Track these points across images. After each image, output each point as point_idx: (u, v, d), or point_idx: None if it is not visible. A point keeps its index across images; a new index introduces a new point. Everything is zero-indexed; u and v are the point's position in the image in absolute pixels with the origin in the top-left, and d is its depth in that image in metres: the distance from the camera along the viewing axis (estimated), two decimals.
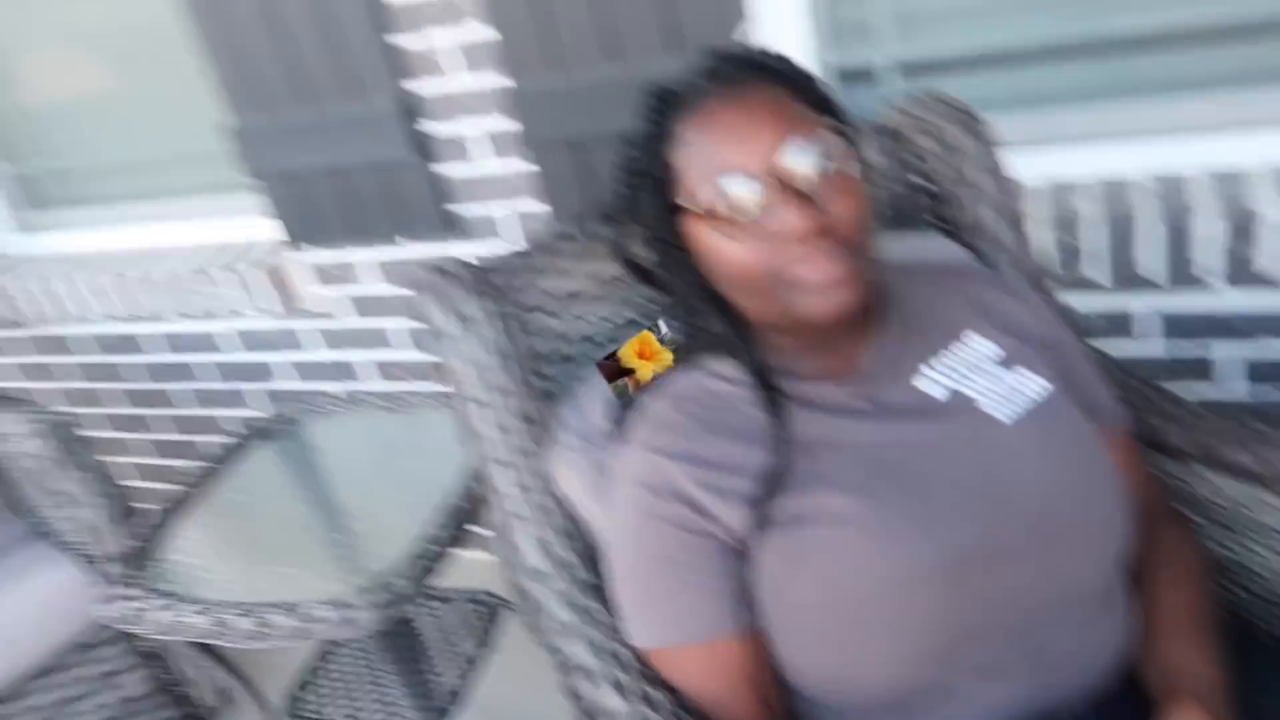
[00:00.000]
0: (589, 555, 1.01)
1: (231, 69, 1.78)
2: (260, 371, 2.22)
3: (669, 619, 0.86)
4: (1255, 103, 1.43)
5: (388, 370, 2.09)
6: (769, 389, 0.87)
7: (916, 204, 1.20)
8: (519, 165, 1.73)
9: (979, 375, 0.89)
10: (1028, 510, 0.83)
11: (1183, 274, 1.43)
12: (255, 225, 2.07)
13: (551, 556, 1.01)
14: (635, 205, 0.88)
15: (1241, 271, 1.39)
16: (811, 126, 0.80)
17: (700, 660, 0.86)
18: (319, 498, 1.52)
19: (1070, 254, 1.46)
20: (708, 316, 0.89)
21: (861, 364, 0.89)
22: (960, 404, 0.88)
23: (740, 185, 0.79)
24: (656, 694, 0.88)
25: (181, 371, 2.31)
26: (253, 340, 2.17)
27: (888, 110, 1.22)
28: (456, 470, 1.45)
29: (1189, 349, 1.51)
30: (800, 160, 0.78)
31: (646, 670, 0.90)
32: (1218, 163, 1.44)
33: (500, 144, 1.73)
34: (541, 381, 1.06)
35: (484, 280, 1.03)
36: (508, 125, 1.70)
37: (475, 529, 2.16)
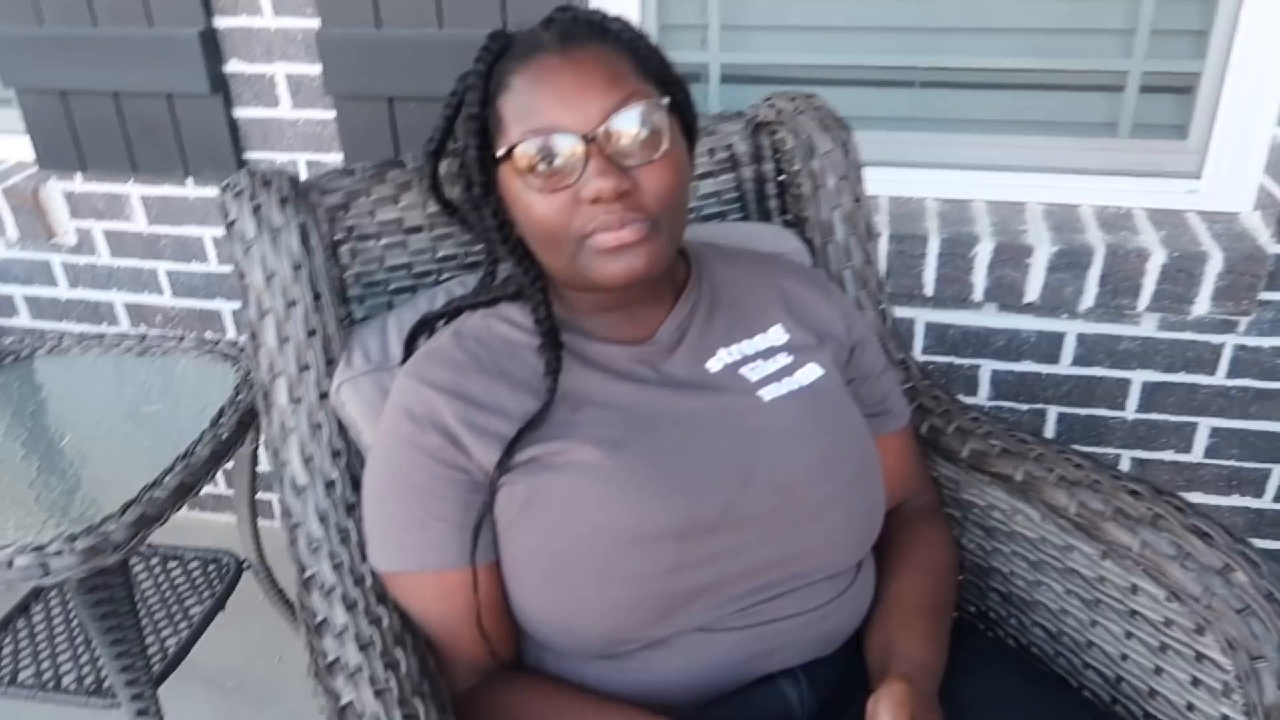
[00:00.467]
0: (356, 478, 1.01)
1: None
2: (4, 306, 1.99)
3: (406, 545, 0.86)
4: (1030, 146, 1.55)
5: (143, 314, 1.92)
6: (550, 340, 0.86)
7: (765, 192, 1.25)
8: (319, 114, 1.63)
9: (764, 359, 0.91)
10: (772, 486, 0.84)
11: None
12: (14, 145, 1.88)
13: (315, 472, 1.01)
14: (455, 143, 0.88)
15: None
16: (641, 96, 0.79)
17: (430, 589, 0.86)
18: (40, 439, 1.35)
19: None
20: (508, 262, 0.89)
21: (655, 335, 0.90)
22: (731, 379, 0.89)
23: (558, 143, 0.78)
24: (384, 614, 0.88)
25: None
26: (2, 270, 1.95)
27: (761, 102, 1.25)
28: (199, 421, 1.33)
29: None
30: (621, 128, 0.78)
31: (382, 593, 0.90)
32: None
33: (303, 90, 1.62)
34: (347, 305, 1.08)
35: (298, 192, 1.04)
36: (311, 70, 1.60)
37: (223, 492, 2.07)
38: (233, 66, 1.63)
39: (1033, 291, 1.50)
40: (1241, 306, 1.45)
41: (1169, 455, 1.64)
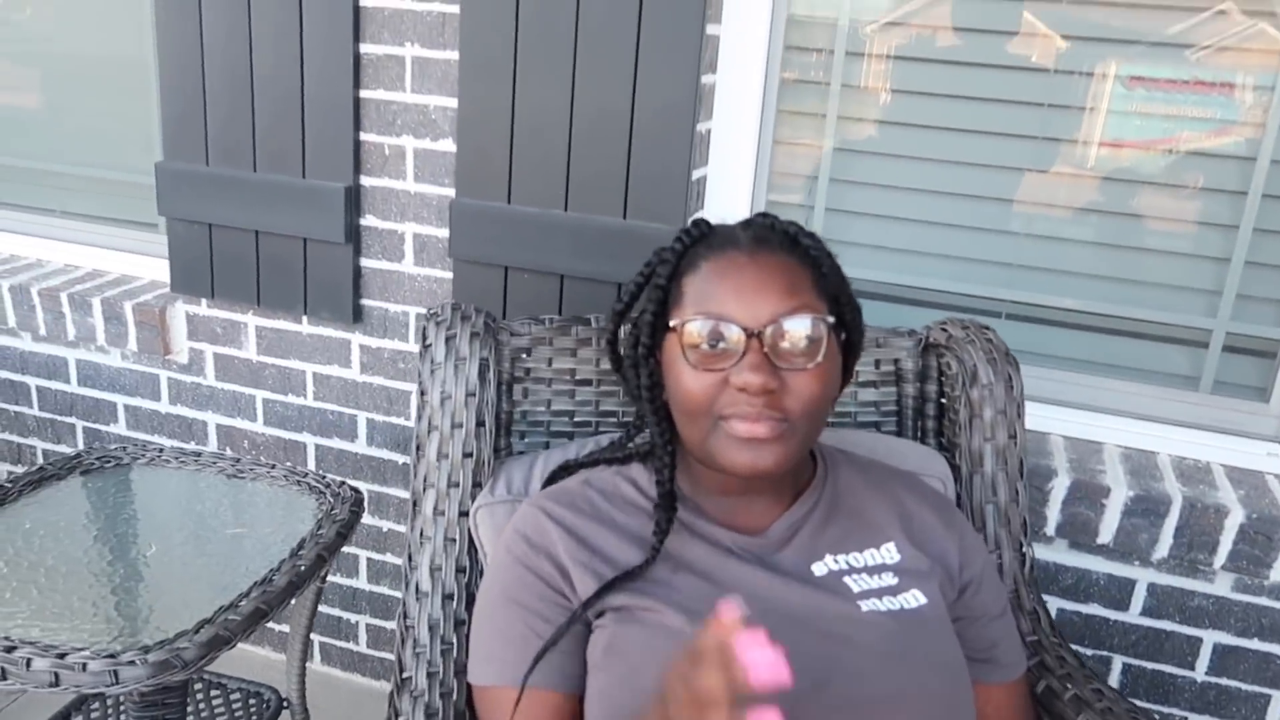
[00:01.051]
0: (473, 596, 1.09)
1: (179, 112, 1.79)
2: (106, 411, 2.09)
3: (505, 659, 0.90)
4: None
5: (232, 437, 2.00)
6: (666, 501, 0.92)
7: (925, 411, 1.30)
8: (438, 273, 1.75)
9: (869, 575, 0.92)
10: (847, 701, 0.83)
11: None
12: (151, 266, 2.04)
13: (439, 583, 1.10)
14: (636, 304, 0.97)
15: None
16: (810, 310, 0.86)
17: (511, 704, 0.88)
18: (127, 547, 1.40)
19: None
20: (650, 424, 0.95)
21: (769, 529, 0.94)
22: (834, 585, 0.91)
23: (725, 330, 0.85)
24: None
25: (19, 391, 2.15)
26: (111, 378, 2.06)
27: (935, 324, 1.31)
28: (279, 550, 1.37)
29: None
30: (784, 332, 0.84)
31: (461, 712, 0.99)
32: None
33: (427, 249, 1.75)
34: (508, 437, 1.21)
35: (488, 330, 1.19)
36: (438, 233, 1.73)
37: (273, 625, 2.07)
38: (368, 220, 1.77)
39: (1106, 533, 1.50)
40: None
41: None
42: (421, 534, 1.13)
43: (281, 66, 1.70)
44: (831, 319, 0.87)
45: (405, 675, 1.04)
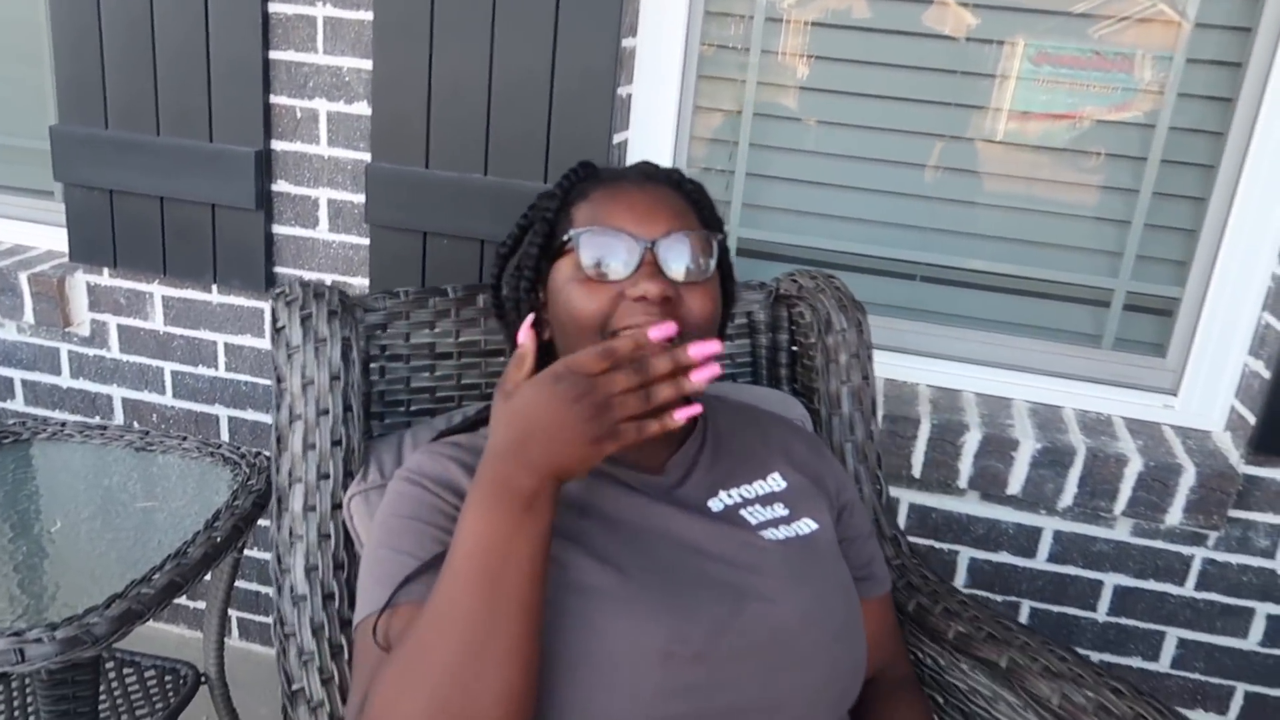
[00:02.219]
0: (354, 594, 0.99)
1: (75, 74, 1.70)
2: (2, 387, 1.99)
3: (399, 577, 0.81)
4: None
5: (140, 412, 1.93)
6: None
7: (778, 360, 1.33)
8: (354, 239, 1.71)
9: (762, 505, 0.95)
10: (762, 624, 0.85)
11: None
12: (48, 235, 1.95)
13: (317, 583, 1.02)
14: (520, 243, 0.97)
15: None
16: (698, 231, 0.90)
17: (412, 619, 0.78)
18: (30, 525, 1.34)
19: None
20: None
21: (664, 468, 0.95)
22: (733, 518, 0.93)
23: (622, 241, 0.87)
24: None
25: None
26: (7, 352, 1.96)
27: (784, 276, 1.34)
28: (194, 523, 1.33)
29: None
30: (678, 250, 0.88)
31: None
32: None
33: (342, 215, 1.71)
34: (368, 421, 1.12)
35: (347, 309, 1.10)
36: (354, 198, 1.69)
37: (186, 602, 2.01)
38: (280, 186, 1.72)
39: (1015, 484, 1.56)
40: (1211, 521, 1.52)
41: (1136, 662, 1.67)
42: (291, 533, 1.04)
43: (185, 26, 1.64)
44: (719, 238, 0.92)
45: (296, 687, 0.97)
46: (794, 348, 1.32)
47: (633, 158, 1.69)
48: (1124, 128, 1.57)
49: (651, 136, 1.68)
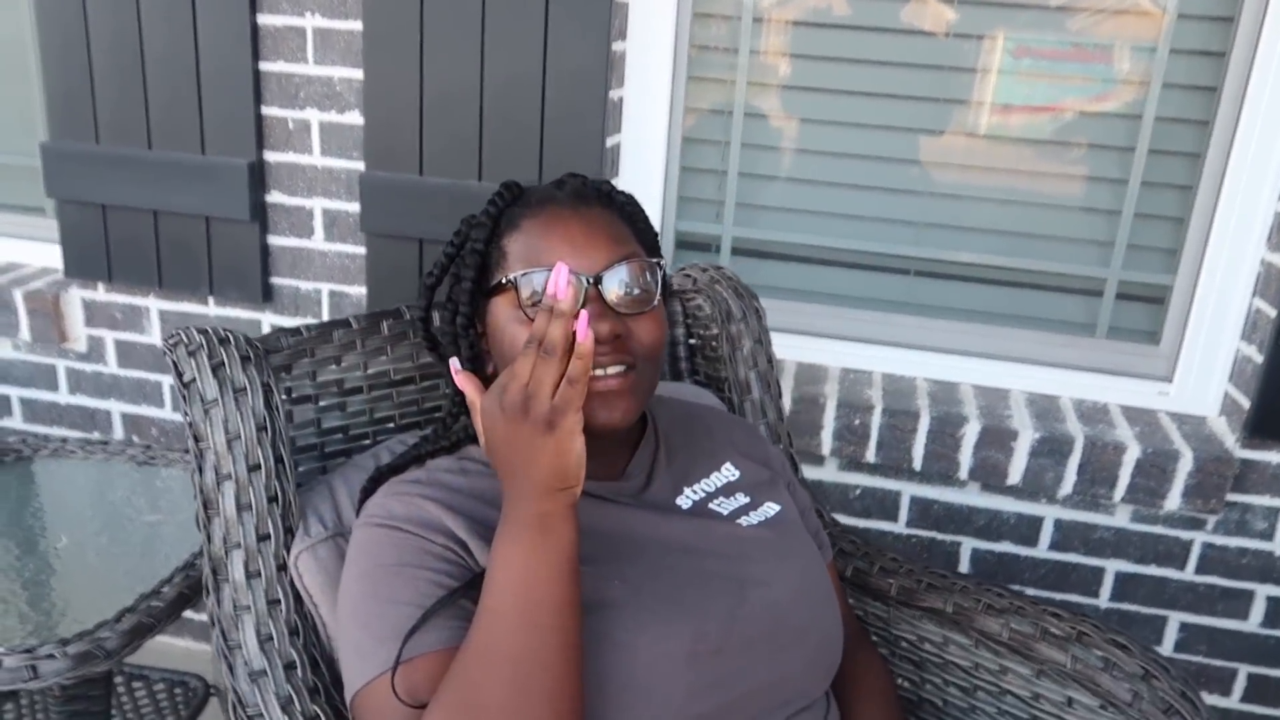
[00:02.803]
0: (314, 659, 0.94)
1: (64, 89, 1.70)
2: (1, 406, 1.99)
3: (426, 626, 0.77)
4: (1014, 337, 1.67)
5: (139, 426, 1.93)
6: None
7: (677, 355, 1.34)
8: (350, 248, 1.71)
9: (725, 496, 0.97)
10: (764, 606, 0.87)
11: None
12: (41, 252, 1.95)
13: (274, 654, 0.92)
14: (455, 277, 0.91)
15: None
16: (638, 257, 0.86)
17: (434, 669, 0.76)
18: (36, 541, 1.34)
19: (854, 432, 1.60)
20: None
21: (625, 474, 0.94)
22: (704, 512, 0.94)
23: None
24: None
25: None
26: (3, 370, 1.96)
27: (676, 272, 1.35)
28: (198, 535, 1.32)
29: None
30: (620, 281, 0.84)
31: None
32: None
33: (338, 225, 1.71)
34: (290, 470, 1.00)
35: (260, 353, 1.00)
36: (348, 207, 1.69)
37: (192, 615, 2.01)
38: (274, 197, 1.72)
39: (1015, 474, 1.57)
40: (1210, 505, 1.53)
41: None
42: (236, 605, 0.93)
43: (174, 39, 1.64)
44: (659, 262, 0.89)
45: None
46: (691, 340, 1.33)
47: (626, 160, 1.70)
48: (1109, 119, 1.59)
49: (644, 138, 1.69)
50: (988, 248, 1.67)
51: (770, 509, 0.96)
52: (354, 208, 1.69)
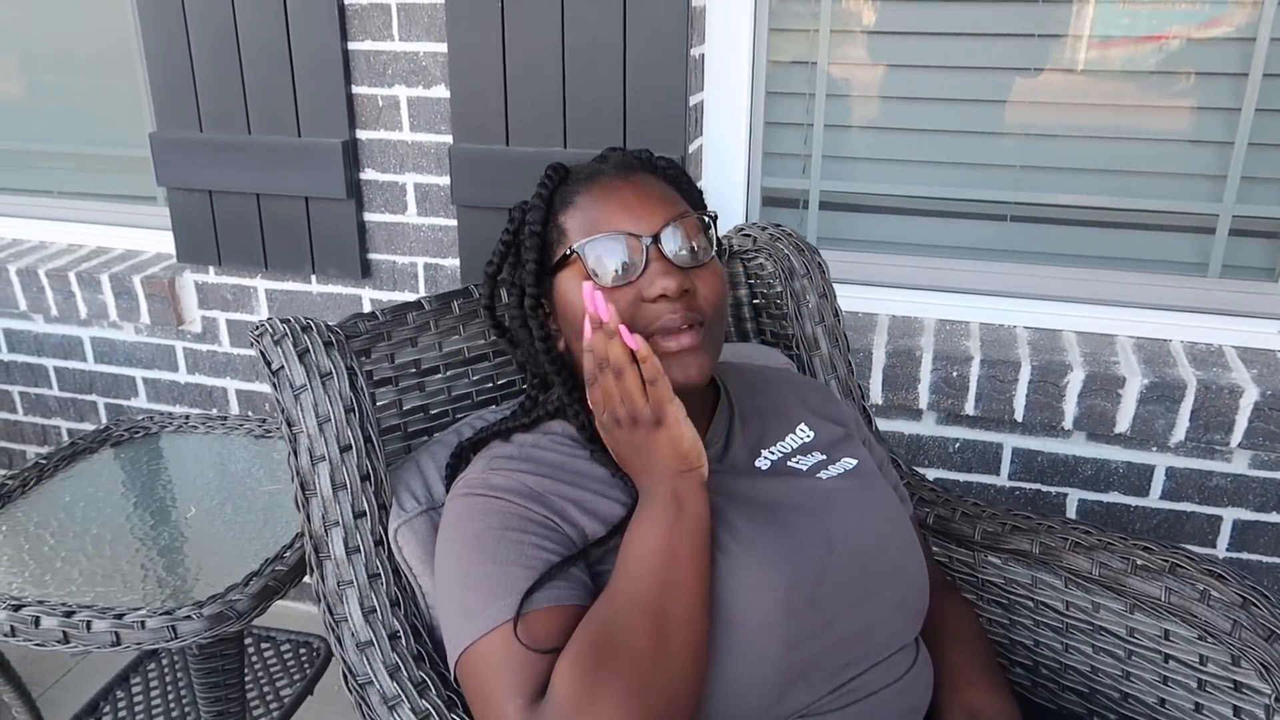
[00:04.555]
0: (416, 628, 0.98)
1: (169, 81, 1.77)
2: (126, 386, 2.11)
3: (516, 588, 0.80)
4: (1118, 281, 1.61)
5: (252, 402, 2.02)
6: (601, 445, 0.91)
7: (742, 315, 1.35)
8: (442, 221, 1.75)
9: (802, 455, 0.98)
10: (851, 553, 0.88)
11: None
12: (154, 239, 2.05)
13: (379, 625, 0.97)
14: (516, 260, 0.95)
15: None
16: (690, 214, 0.90)
17: (551, 623, 0.79)
18: (168, 511, 1.43)
19: (952, 384, 1.57)
20: (553, 379, 0.94)
21: (706, 441, 0.95)
22: (784, 470, 0.96)
23: (625, 243, 0.87)
24: None
25: (37, 374, 2.17)
26: (127, 352, 2.07)
27: (734, 232, 1.35)
28: None
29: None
30: (679, 238, 0.88)
31: None
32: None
33: (429, 199, 1.75)
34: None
35: (342, 338, 1.03)
36: (439, 181, 1.73)
37: (310, 580, 2.11)
38: (368, 174, 1.77)
39: (1123, 423, 1.52)
40: None
41: None
42: (339, 581, 0.97)
43: (266, 25, 1.69)
44: (712, 215, 0.92)
45: None
46: (755, 300, 1.33)
47: (710, 118, 1.69)
48: (1219, 44, 1.50)
49: (727, 95, 1.67)
50: (1088, 188, 1.61)
51: (848, 463, 0.97)
52: (444, 181, 1.73)
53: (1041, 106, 1.59)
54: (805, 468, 0.96)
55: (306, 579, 2.03)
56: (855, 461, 0.98)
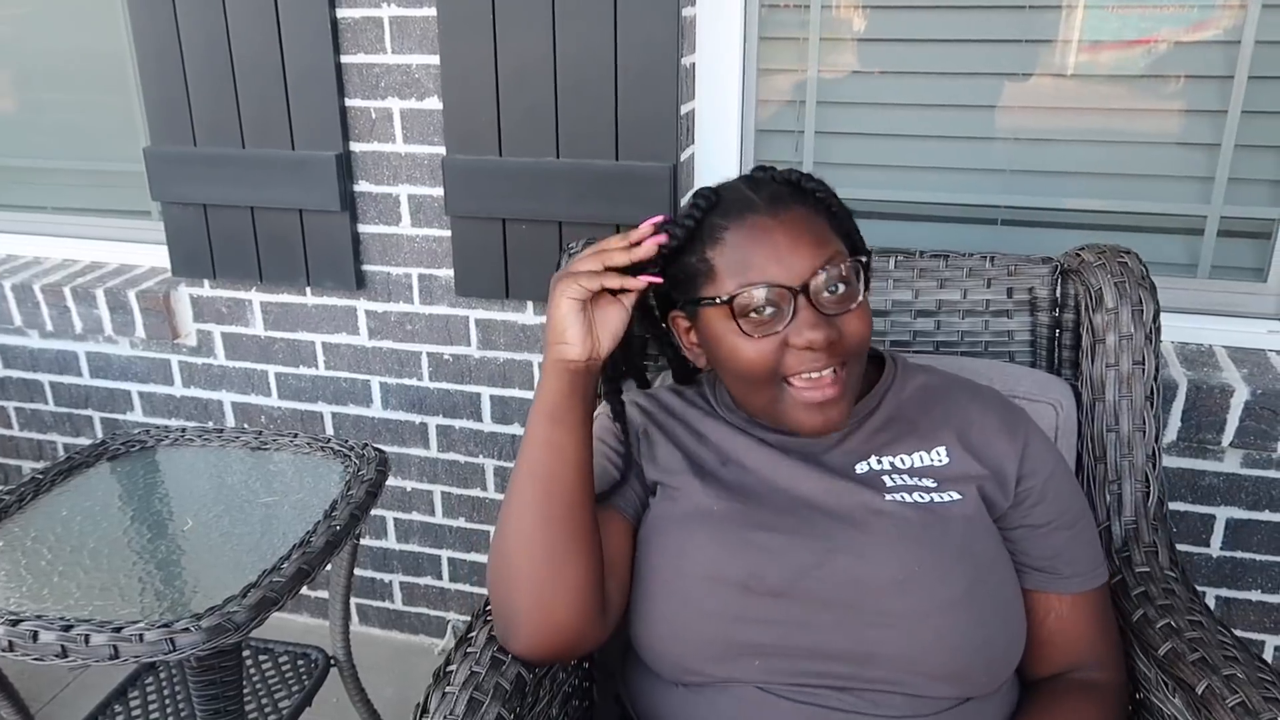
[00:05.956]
0: None
1: (163, 96, 1.78)
2: (121, 400, 2.11)
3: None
4: None
5: (248, 414, 2.02)
6: (718, 416, 1.03)
7: (1060, 341, 1.25)
8: (436, 232, 1.76)
9: (909, 476, 0.95)
10: (846, 576, 0.89)
11: None
12: (149, 253, 2.06)
13: None
14: (668, 282, 0.96)
15: None
16: (841, 256, 0.89)
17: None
18: (165, 524, 1.43)
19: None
20: (672, 364, 1.10)
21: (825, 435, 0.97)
22: (869, 480, 0.95)
23: (774, 295, 0.87)
24: None
25: (33, 389, 2.17)
26: (123, 367, 2.08)
27: (1071, 251, 1.26)
28: (313, 513, 1.40)
29: None
30: (826, 283, 0.87)
31: None
32: None
33: (423, 210, 1.76)
34: None
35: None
36: (432, 192, 1.73)
37: (308, 591, 2.11)
38: (362, 186, 1.77)
39: None
40: None
41: (1255, 595, 1.63)
42: None
43: (259, 39, 1.70)
44: (862, 258, 0.90)
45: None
46: (1080, 328, 1.22)
47: (701, 127, 1.70)
48: (1205, 47, 1.51)
49: (718, 104, 1.68)
50: (1078, 191, 1.62)
51: (945, 497, 0.92)
52: (438, 192, 1.74)
53: (1031, 111, 1.61)
54: (891, 485, 0.93)
55: (304, 590, 2.02)
56: (955, 499, 0.92)
